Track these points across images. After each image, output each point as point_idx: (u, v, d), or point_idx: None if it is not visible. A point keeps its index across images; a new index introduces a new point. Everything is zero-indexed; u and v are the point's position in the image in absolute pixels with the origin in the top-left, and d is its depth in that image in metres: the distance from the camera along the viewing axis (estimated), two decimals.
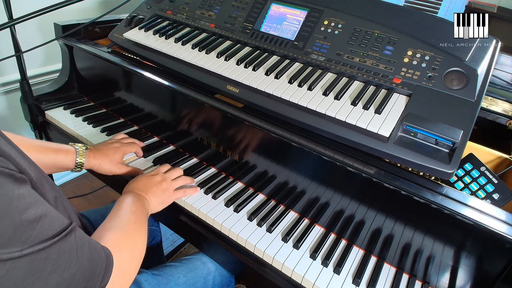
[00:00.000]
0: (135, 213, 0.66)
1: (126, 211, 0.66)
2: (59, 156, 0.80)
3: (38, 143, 0.80)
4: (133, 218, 0.65)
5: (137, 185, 0.77)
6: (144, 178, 0.80)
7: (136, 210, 0.68)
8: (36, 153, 0.77)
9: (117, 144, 0.91)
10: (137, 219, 0.65)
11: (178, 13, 1.05)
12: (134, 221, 0.64)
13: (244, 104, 0.84)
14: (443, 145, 0.66)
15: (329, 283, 0.70)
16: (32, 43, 0.93)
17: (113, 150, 0.89)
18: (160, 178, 0.81)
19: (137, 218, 0.66)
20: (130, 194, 0.72)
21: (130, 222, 0.64)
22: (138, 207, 0.69)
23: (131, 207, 0.67)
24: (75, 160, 0.82)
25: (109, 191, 1.90)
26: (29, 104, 1.09)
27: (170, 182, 0.81)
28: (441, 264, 0.70)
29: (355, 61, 0.81)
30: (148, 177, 0.80)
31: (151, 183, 0.79)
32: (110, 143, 0.92)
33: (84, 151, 0.84)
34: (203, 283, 0.82)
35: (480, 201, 0.63)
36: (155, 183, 0.79)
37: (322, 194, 0.79)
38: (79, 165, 0.83)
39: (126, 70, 1.00)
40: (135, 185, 0.77)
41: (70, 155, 0.82)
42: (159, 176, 0.81)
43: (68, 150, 0.83)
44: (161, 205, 0.78)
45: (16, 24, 0.69)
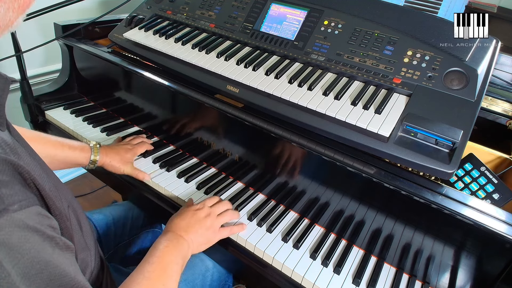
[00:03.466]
0: (166, 271, 0.61)
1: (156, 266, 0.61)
2: (75, 153, 0.82)
3: (55, 139, 0.81)
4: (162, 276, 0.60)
5: (179, 222, 0.71)
6: (188, 214, 0.73)
7: (169, 263, 0.62)
8: (53, 148, 0.79)
9: (128, 146, 0.93)
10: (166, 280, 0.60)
11: (178, 13, 1.05)
12: (163, 284, 0.59)
13: (244, 104, 0.84)
14: (443, 145, 0.66)
15: (329, 283, 0.70)
16: (32, 43, 0.93)
17: (125, 150, 0.91)
18: (204, 214, 0.74)
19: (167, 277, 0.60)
20: (168, 236, 0.67)
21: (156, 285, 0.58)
22: (173, 258, 0.63)
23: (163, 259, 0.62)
24: (90, 157, 0.84)
25: (109, 191, 1.90)
26: (29, 104, 1.09)
27: (215, 218, 0.75)
28: (441, 264, 0.70)
29: (355, 61, 0.81)
30: (192, 212, 0.74)
31: (195, 220, 0.72)
32: (123, 144, 0.94)
33: (98, 148, 0.86)
34: (202, 280, 0.82)
35: (480, 201, 0.63)
36: (199, 220, 0.72)
37: (322, 194, 0.79)
38: (93, 162, 0.84)
39: (126, 70, 1.00)
40: (177, 222, 0.71)
41: (85, 152, 0.84)
42: (204, 211, 0.75)
43: (84, 147, 0.84)
44: (204, 245, 0.72)
45: None
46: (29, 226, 0.38)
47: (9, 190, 0.37)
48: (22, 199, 0.38)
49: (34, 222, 0.39)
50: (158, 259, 0.62)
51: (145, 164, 0.95)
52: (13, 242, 0.35)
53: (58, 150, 0.79)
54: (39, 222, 0.39)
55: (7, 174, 0.38)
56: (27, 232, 0.37)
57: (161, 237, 0.67)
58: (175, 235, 0.68)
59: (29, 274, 0.36)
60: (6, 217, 0.35)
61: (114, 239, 0.94)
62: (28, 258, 0.36)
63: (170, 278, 0.61)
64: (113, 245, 0.94)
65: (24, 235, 0.37)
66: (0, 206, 0.35)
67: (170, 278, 0.61)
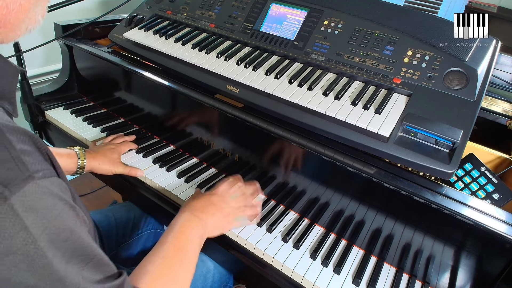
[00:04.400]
0: (181, 250, 0.61)
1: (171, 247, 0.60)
2: (62, 160, 0.81)
3: None
4: (178, 258, 0.59)
5: (195, 204, 0.70)
6: (205, 196, 0.73)
7: (185, 243, 0.62)
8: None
9: (111, 146, 0.93)
10: (182, 258, 0.60)
11: (178, 13, 1.05)
12: (179, 262, 0.59)
13: (244, 104, 0.84)
14: (443, 145, 0.66)
15: (329, 283, 0.70)
16: (32, 43, 0.93)
17: (110, 151, 0.91)
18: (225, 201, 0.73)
19: (182, 256, 0.60)
20: (184, 216, 0.67)
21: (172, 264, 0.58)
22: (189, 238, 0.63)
23: (179, 240, 0.62)
24: (77, 163, 0.83)
25: (109, 191, 1.90)
26: (29, 104, 1.09)
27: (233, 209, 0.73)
28: (441, 264, 0.70)
29: (355, 61, 0.81)
30: (208, 196, 0.74)
31: (211, 202, 0.72)
32: (104, 145, 0.94)
33: (83, 153, 0.85)
34: (203, 281, 0.82)
35: (480, 201, 0.63)
36: (215, 204, 0.72)
37: (322, 194, 0.79)
38: (81, 167, 0.84)
39: (126, 70, 1.00)
40: (193, 204, 0.71)
41: (72, 158, 0.83)
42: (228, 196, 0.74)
43: (70, 153, 0.83)
44: (219, 230, 0.72)
45: None
46: (54, 193, 0.38)
47: (32, 159, 0.37)
48: (44, 168, 0.39)
49: (58, 190, 0.39)
50: (173, 240, 0.61)
51: (145, 164, 0.95)
52: (41, 208, 0.36)
53: None
54: (62, 191, 0.40)
55: (29, 144, 0.38)
56: (53, 199, 0.38)
57: (176, 217, 0.66)
58: (191, 214, 0.67)
59: (55, 240, 0.37)
60: (32, 184, 0.36)
61: (116, 240, 0.94)
62: (55, 225, 0.37)
63: (187, 257, 0.60)
64: (115, 245, 0.94)
65: (51, 201, 0.37)
66: (26, 173, 0.35)
67: (186, 257, 0.60)
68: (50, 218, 0.36)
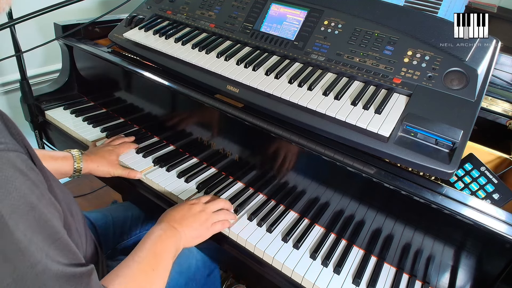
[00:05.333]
0: (157, 256, 0.62)
1: (147, 252, 0.61)
2: (58, 163, 0.80)
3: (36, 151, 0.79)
4: (153, 263, 0.60)
5: (174, 214, 0.72)
6: (184, 207, 0.75)
7: (161, 251, 0.63)
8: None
9: (109, 147, 0.92)
10: (157, 263, 0.61)
11: (178, 13, 1.05)
12: (155, 266, 0.60)
13: (244, 104, 0.84)
14: (443, 145, 0.66)
15: (329, 283, 0.70)
16: (32, 43, 0.93)
17: (108, 152, 0.90)
18: (199, 208, 0.75)
19: (158, 261, 0.61)
20: (162, 225, 0.68)
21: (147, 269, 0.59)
22: (165, 246, 0.64)
23: (156, 247, 0.63)
24: (73, 166, 0.82)
25: (109, 191, 1.90)
26: (29, 104, 1.09)
27: (210, 214, 0.75)
28: (441, 264, 0.70)
29: (355, 61, 0.81)
30: (187, 206, 0.75)
31: (189, 213, 0.73)
32: (103, 147, 0.93)
33: (80, 156, 0.85)
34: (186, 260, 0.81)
35: (480, 201, 0.63)
36: (194, 214, 0.73)
37: (322, 194, 0.79)
38: (77, 170, 0.83)
39: (126, 70, 1.00)
40: (171, 214, 0.72)
41: (68, 161, 0.82)
42: (199, 206, 0.76)
43: (65, 156, 0.83)
44: (197, 239, 0.73)
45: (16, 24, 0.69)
46: (17, 166, 0.38)
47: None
48: (9, 142, 0.38)
49: (22, 166, 0.39)
50: (151, 246, 0.63)
51: (145, 164, 0.95)
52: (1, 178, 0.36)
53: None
54: (26, 168, 0.39)
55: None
56: (14, 171, 0.37)
57: (155, 227, 0.68)
58: (169, 225, 0.69)
59: (16, 211, 0.37)
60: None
61: (113, 239, 0.94)
62: (15, 196, 0.37)
63: (161, 265, 0.61)
64: (112, 245, 0.94)
65: (12, 173, 0.37)
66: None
67: (161, 265, 0.62)
68: (10, 189, 0.36)
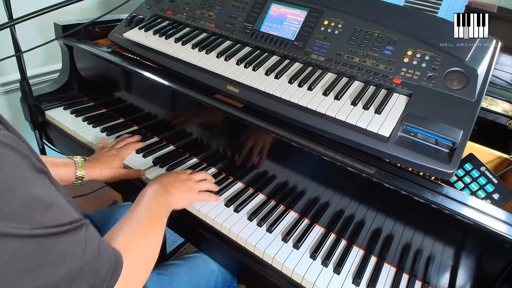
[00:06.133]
0: (153, 210, 0.66)
1: (144, 208, 0.66)
2: (59, 170, 0.79)
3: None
4: (150, 216, 0.65)
5: (163, 178, 0.78)
6: (171, 174, 0.81)
7: (156, 206, 0.68)
8: None
9: (113, 151, 0.91)
10: (154, 217, 0.66)
11: (178, 13, 1.05)
12: (151, 220, 0.64)
13: (244, 104, 0.84)
14: (443, 145, 0.66)
15: (329, 283, 0.70)
16: (32, 43, 0.93)
17: (111, 157, 0.89)
18: (186, 177, 0.81)
19: (155, 216, 0.66)
20: (154, 186, 0.73)
21: (145, 221, 0.63)
22: (159, 203, 0.69)
23: (151, 203, 0.68)
24: (76, 173, 0.81)
25: (109, 191, 1.90)
26: (29, 104, 1.09)
27: (195, 183, 0.82)
28: (441, 264, 0.70)
29: (355, 61, 0.81)
30: (174, 174, 0.82)
31: (176, 179, 0.79)
32: (107, 151, 0.92)
33: (83, 162, 0.83)
34: (206, 281, 0.82)
35: (480, 201, 0.63)
36: (181, 180, 0.80)
37: (322, 194, 0.79)
38: (80, 178, 0.82)
39: (126, 70, 1.00)
40: (160, 178, 0.78)
41: (69, 167, 0.81)
42: (185, 174, 0.82)
43: (67, 162, 0.81)
44: (185, 201, 0.79)
45: (16, 24, 0.69)
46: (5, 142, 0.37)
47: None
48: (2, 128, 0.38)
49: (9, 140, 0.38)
50: (146, 204, 0.67)
51: (145, 164, 0.95)
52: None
53: None
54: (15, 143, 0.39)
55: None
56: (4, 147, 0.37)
57: (146, 188, 0.72)
58: (160, 187, 0.73)
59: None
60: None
61: None
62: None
63: (157, 220, 0.66)
64: None
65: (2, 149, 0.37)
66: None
67: (157, 219, 0.66)
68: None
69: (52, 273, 0.40)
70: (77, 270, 0.43)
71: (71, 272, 0.42)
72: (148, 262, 0.60)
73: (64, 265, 0.41)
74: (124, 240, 0.57)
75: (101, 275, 0.46)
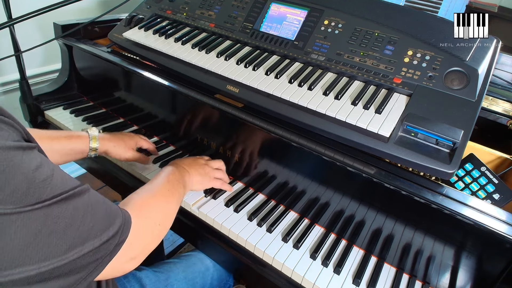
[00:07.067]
0: (171, 182, 0.68)
1: (163, 178, 0.68)
2: (72, 142, 0.80)
3: (49, 132, 0.79)
4: (167, 186, 0.66)
5: (182, 160, 0.80)
6: (189, 158, 0.85)
7: (173, 179, 0.70)
8: (48, 141, 0.76)
9: (132, 133, 0.92)
10: (170, 188, 0.67)
11: (178, 12, 1.05)
12: (167, 189, 0.66)
13: (244, 104, 0.83)
14: (443, 145, 0.66)
15: (329, 283, 0.70)
16: (32, 42, 0.93)
17: (129, 137, 0.90)
18: (203, 162, 0.84)
19: (171, 186, 0.67)
20: (173, 165, 0.76)
21: (162, 189, 0.65)
22: (177, 178, 0.71)
23: (169, 176, 0.70)
24: (89, 145, 0.82)
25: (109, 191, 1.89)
26: (29, 104, 1.09)
27: (211, 169, 0.84)
28: (441, 264, 0.70)
29: (356, 61, 0.80)
30: (192, 158, 0.85)
31: (195, 161, 0.82)
32: (125, 132, 0.93)
33: (96, 135, 0.83)
34: (202, 278, 0.82)
35: (480, 201, 0.63)
36: (199, 163, 0.82)
37: (322, 194, 0.79)
38: (94, 149, 0.82)
39: (126, 70, 0.99)
40: (179, 160, 0.80)
41: (83, 139, 0.81)
42: (203, 159, 0.85)
43: (81, 135, 0.82)
44: (201, 184, 0.81)
45: (16, 23, 0.69)
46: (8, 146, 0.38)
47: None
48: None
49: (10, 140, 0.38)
50: (164, 177, 0.69)
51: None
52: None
53: (54, 142, 0.77)
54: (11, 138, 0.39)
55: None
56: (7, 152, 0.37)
57: (165, 167, 0.75)
58: (179, 166, 0.77)
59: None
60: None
61: None
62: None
63: (175, 189, 0.68)
64: None
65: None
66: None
67: (176, 189, 0.68)
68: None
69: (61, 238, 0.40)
70: (87, 231, 0.43)
71: (81, 234, 0.43)
72: (161, 225, 0.60)
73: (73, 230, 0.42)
74: (137, 201, 0.59)
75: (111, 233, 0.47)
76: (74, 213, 0.42)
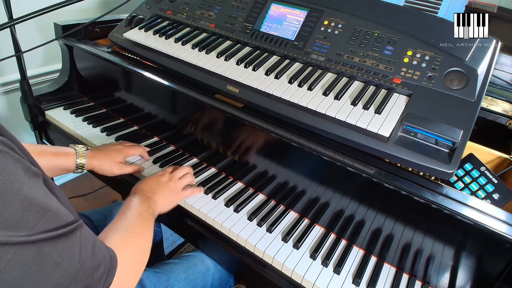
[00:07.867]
0: (142, 215, 0.67)
1: (133, 212, 0.67)
2: (59, 159, 0.80)
3: (35, 147, 0.79)
4: (140, 221, 0.66)
5: (145, 186, 0.78)
6: (151, 179, 0.81)
7: (143, 212, 0.69)
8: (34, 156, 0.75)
9: (120, 146, 0.91)
10: (143, 221, 0.66)
11: (178, 13, 1.05)
12: (141, 225, 0.65)
13: (244, 104, 0.84)
14: (443, 145, 0.66)
15: (329, 283, 0.70)
16: (32, 43, 0.93)
17: (115, 151, 0.89)
18: (167, 178, 0.82)
19: (143, 219, 0.67)
20: (138, 195, 0.73)
21: (137, 225, 0.64)
22: (145, 209, 0.70)
23: (137, 209, 0.68)
24: (76, 162, 0.82)
25: (109, 191, 1.90)
26: (29, 104, 1.09)
27: (177, 181, 0.82)
28: (441, 264, 0.70)
29: (355, 61, 0.81)
30: (155, 178, 0.81)
31: (158, 184, 0.80)
32: (113, 145, 0.92)
33: (84, 152, 0.84)
34: (203, 279, 0.82)
35: (480, 201, 0.63)
36: (163, 184, 0.80)
37: (322, 194, 0.79)
38: (79, 166, 0.83)
39: (126, 70, 1.00)
40: (142, 186, 0.78)
41: (70, 156, 0.82)
42: (166, 176, 0.82)
43: (67, 152, 0.82)
44: (169, 205, 0.79)
45: (16, 24, 0.69)
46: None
47: None
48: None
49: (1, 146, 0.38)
50: (133, 210, 0.68)
51: (145, 164, 0.94)
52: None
53: (40, 157, 0.77)
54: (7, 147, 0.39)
55: None
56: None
57: (129, 198, 0.73)
58: (143, 195, 0.74)
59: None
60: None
61: None
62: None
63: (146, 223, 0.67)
64: None
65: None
66: None
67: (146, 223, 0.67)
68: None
69: (48, 277, 0.40)
70: (74, 272, 0.43)
71: (68, 275, 0.42)
72: (140, 263, 0.61)
73: (61, 269, 0.42)
74: (116, 241, 0.58)
75: (97, 275, 0.47)
76: (64, 251, 0.42)
